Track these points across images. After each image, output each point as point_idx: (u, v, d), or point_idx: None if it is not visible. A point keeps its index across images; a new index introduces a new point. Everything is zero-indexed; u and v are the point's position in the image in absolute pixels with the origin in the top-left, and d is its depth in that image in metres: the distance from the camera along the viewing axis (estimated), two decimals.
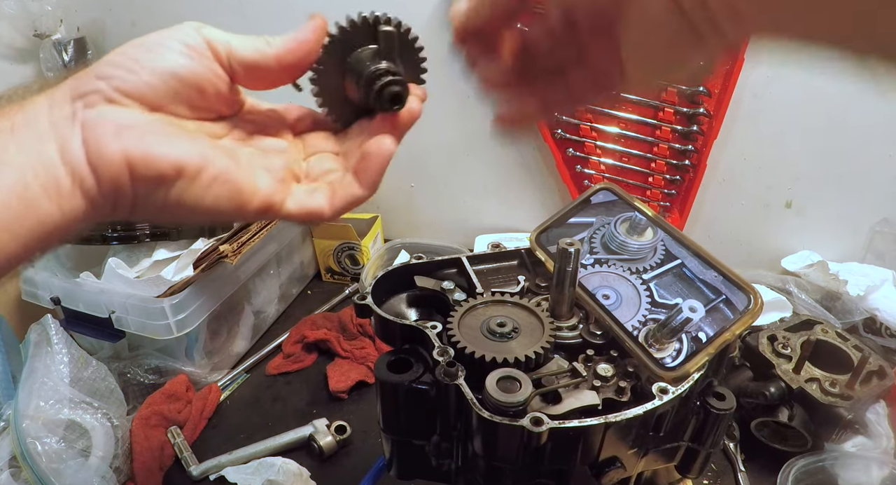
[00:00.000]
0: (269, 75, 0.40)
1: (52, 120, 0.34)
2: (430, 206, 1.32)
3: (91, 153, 0.33)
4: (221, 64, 0.38)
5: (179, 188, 0.35)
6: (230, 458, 0.79)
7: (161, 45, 0.36)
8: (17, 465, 0.69)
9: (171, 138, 0.36)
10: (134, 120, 0.35)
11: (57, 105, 0.34)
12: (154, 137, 0.35)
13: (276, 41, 0.40)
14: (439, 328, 0.52)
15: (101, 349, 0.93)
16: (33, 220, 0.32)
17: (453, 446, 0.52)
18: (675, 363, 0.47)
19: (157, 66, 0.36)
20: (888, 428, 0.74)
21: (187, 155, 0.35)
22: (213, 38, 0.38)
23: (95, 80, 0.35)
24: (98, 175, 0.34)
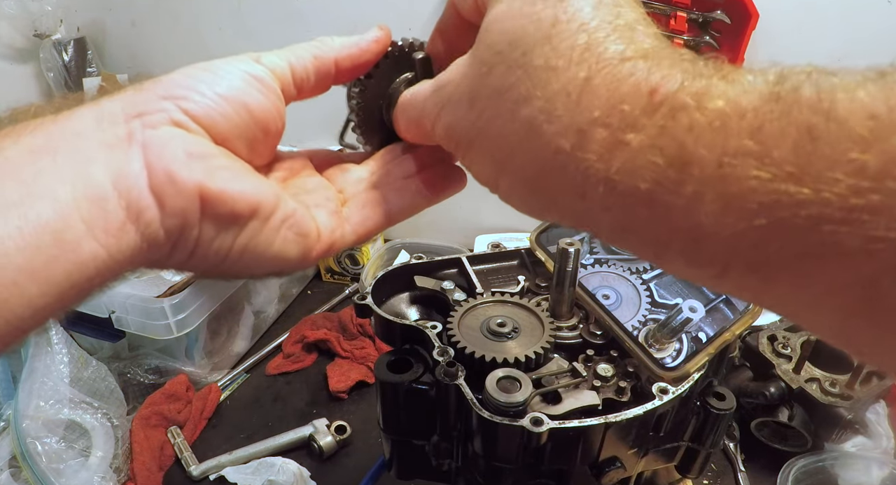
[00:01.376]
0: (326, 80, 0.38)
1: (103, 139, 0.28)
2: None
3: (156, 181, 0.28)
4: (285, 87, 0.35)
5: (250, 231, 0.31)
6: (230, 458, 0.79)
7: (230, 72, 0.33)
8: (17, 465, 0.69)
9: (243, 174, 0.32)
10: (204, 149, 0.30)
11: (108, 121, 0.29)
12: (227, 172, 0.30)
13: (336, 42, 0.37)
14: (439, 328, 0.52)
15: (101, 349, 0.93)
16: (72, 262, 0.26)
17: (453, 446, 0.52)
18: (675, 363, 0.47)
19: (231, 95, 0.32)
20: (888, 428, 0.74)
21: (264, 194, 0.31)
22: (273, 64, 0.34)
23: (160, 99, 0.30)
24: (163, 207, 0.28)
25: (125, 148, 0.28)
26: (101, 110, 0.29)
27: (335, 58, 0.36)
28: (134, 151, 0.28)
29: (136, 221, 0.28)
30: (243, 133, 0.32)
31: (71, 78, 1.39)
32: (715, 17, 0.92)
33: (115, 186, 0.27)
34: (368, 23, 0.87)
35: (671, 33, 0.95)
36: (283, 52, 0.35)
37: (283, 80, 0.35)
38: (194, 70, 0.33)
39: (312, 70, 0.36)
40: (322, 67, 0.36)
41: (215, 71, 0.33)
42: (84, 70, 1.39)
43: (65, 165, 0.26)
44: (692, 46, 0.96)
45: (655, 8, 0.94)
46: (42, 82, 1.43)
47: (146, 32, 1.36)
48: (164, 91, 0.30)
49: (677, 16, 0.93)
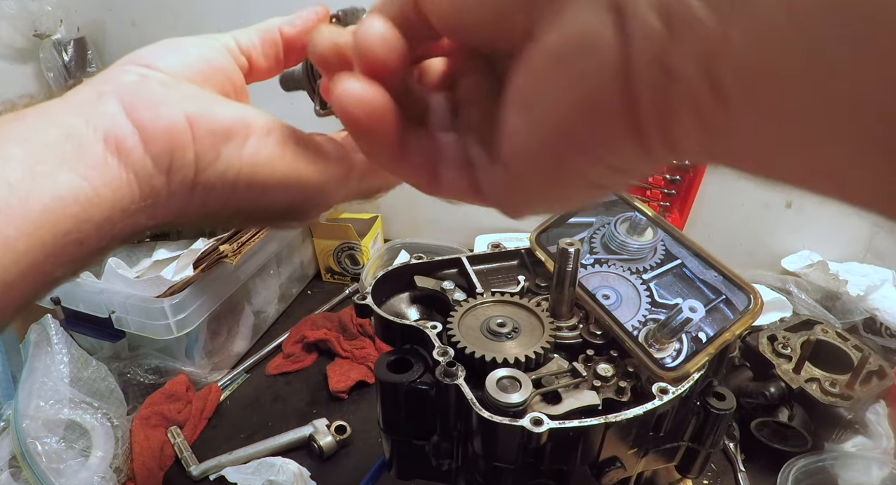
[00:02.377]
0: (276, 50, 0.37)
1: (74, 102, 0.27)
2: (430, 206, 1.32)
3: (135, 111, 0.26)
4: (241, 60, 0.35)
5: (252, 143, 0.28)
6: (230, 458, 0.79)
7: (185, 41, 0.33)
8: (17, 465, 0.69)
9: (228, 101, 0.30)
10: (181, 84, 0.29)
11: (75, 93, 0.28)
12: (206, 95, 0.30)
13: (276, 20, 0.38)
14: (439, 328, 0.52)
15: (101, 349, 0.93)
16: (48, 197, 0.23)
17: (453, 446, 0.52)
18: (675, 363, 0.47)
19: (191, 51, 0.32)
20: (888, 428, 0.74)
21: (250, 111, 0.30)
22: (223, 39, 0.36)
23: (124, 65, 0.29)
24: (145, 133, 0.26)
25: (96, 101, 0.27)
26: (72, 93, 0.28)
27: (279, 27, 0.37)
28: (108, 99, 0.27)
29: (117, 151, 0.25)
30: (210, 80, 0.32)
31: (71, 78, 1.39)
32: None
33: (89, 124, 0.25)
34: None
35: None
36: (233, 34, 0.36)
37: (229, 47, 0.35)
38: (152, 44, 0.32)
39: (258, 39, 0.36)
40: (267, 37, 0.36)
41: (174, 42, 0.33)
42: (84, 70, 1.39)
43: (35, 121, 0.25)
44: None
45: None
46: (42, 82, 1.43)
47: (146, 32, 1.36)
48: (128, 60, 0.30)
49: None
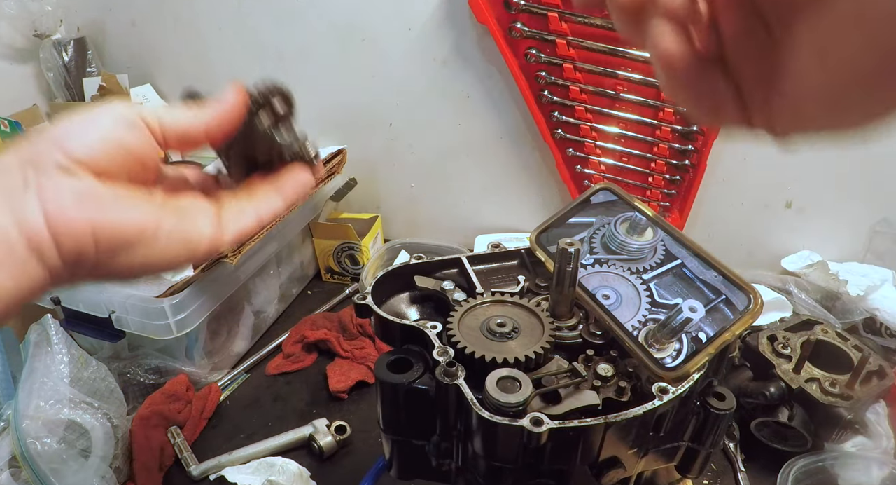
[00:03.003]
0: (196, 142, 0.42)
1: (3, 187, 0.33)
2: (430, 206, 1.32)
3: (53, 222, 0.33)
4: (156, 138, 0.40)
5: (141, 250, 0.37)
6: (230, 458, 0.79)
7: (104, 117, 0.37)
8: (17, 465, 0.69)
9: (127, 203, 0.37)
10: (91, 189, 0.35)
11: (6, 172, 0.34)
12: (113, 203, 0.36)
13: (204, 112, 0.42)
14: (439, 328, 0.52)
15: (101, 349, 0.93)
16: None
17: (453, 446, 0.52)
18: (675, 363, 0.47)
19: (108, 136, 0.37)
20: (888, 428, 0.74)
21: (145, 218, 0.37)
22: (146, 114, 0.40)
23: (48, 148, 0.34)
24: (60, 244, 0.33)
25: (22, 194, 0.33)
26: (1, 161, 0.34)
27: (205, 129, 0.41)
28: (30, 197, 0.33)
29: (38, 256, 0.33)
30: (123, 167, 0.37)
31: (71, 78, 1.39)
32: None
33: (17, 229, 0.32)
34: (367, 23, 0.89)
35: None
36: (159, 109, 0.40)
37: (152, 127, 0.39)
38: (76, 118, 0.37)
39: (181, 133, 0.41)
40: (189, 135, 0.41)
41: (94, 118, 0.37)
42: (84, 70, 1.39)
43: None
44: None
45: None
46: (42, 82, 1.43)
47: (146, 32, 1.36)
48: (52, 141, 0.35)
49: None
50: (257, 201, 0.45)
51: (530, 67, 1.04)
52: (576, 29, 0.99)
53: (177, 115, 0.41)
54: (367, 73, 1.19)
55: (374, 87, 1.19)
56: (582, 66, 1.01)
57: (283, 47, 1.22)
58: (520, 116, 1.13)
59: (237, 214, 0.44)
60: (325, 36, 1.18)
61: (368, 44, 1.15)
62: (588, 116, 1.05)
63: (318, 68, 1.22)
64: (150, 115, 0.40)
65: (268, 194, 0.46)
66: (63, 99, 1.42)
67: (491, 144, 1.19)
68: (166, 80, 1.41)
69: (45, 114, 1.44)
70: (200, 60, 1.33)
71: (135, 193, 0.39)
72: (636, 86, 1.00)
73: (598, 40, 0.99)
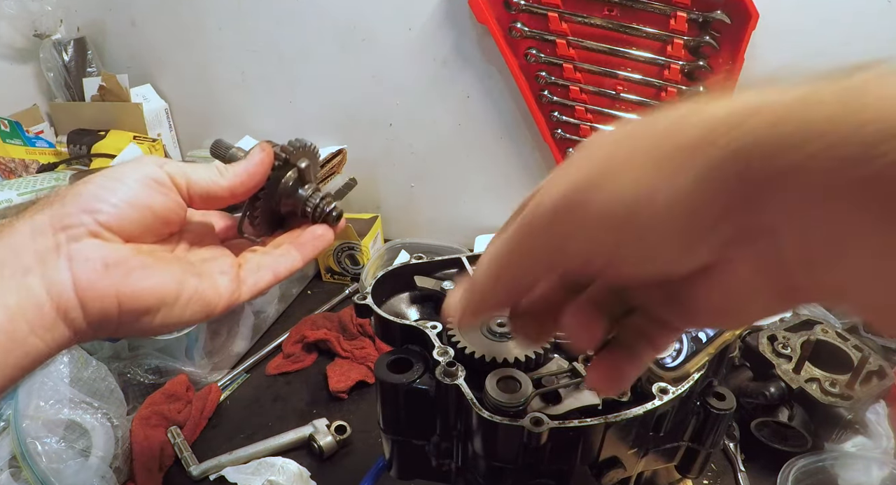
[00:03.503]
0: (220, 202, 0.45)
1: (37, 250, 0.35)
2: (430, 206, 1.32)
3: (81, 289, 0.35)
4: (183, 196, 0.42)
5: (162, 314, 0.39)
6: (230, 458, 0.79)
7: (135, 180, 0.39)
8: (17, 465, 0.69)
9: (152, 271, 0.39)
10: (118, 256, 0.37)
11: (40, 234, 0.36)
12: (138, 272, 0.38)
13: (230, 171, 0.44)
14: (439, 328, 0.52)
15: (101, 349, 0.93)
16: (20, 354, 0.34)
17: (453, 446, 0.52)
18: (675, 363, 0.47)
19: (136, 201, 0.39)
20: (888, 428, 0.74)
21: (168, 285, 0.39)
22: (175, 172, 0.42)
23: (80, 212, 0.37)
24: (86, 309, 0.36)
25: (54, 259, 0.35)
26: (34, 223, 0.36)
27: (228, 186, 0.43)
28: (61, 262, 0.35)
29: (65, 319, 0.35)
30: (149, 229, 0.40)
31: (71, 78, 1.39)
32: (715, 18, 0.92)
33: (49, 295, 0.35)
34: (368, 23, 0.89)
35: (671, 33, 0.95)
36: (186, 166, 0.43)
37: (179, 186, 0.42)
38: (106, 181, 0.39)
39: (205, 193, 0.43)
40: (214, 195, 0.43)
41: (123, 180, 0.39)
42: (84, 70, 1.39)
43: (10, 278, 0.34)
44: (692, 47, 0.96)
45: (655, 8, 0.94)
46: (42, 82, 1.43)
47: (146, 32, 1.36)
48: (83, 205, 0.37)
49: (677, 16, 0.93)
50: (276, 258, 0.47)
51: (530, 67, 1.04)
52: (576, 29, 0.99)
53: (203, 176, 0.43)
54: (367, 73, 1.19)
55: (374, 87, 1.20)
56: (582, 66, 1.01)
57: (283, 47, 1.22)
58: (520, 117, 1.13)
59: (255, 270, 0.46)
60: (325, 36, 1.18)
61: (368, 44, 1.15)
62: (588, 116, 1.05)
63: (318, 68, 1.22)
64: (179, 174, 0.42)
65: (287, 251, 0.48)
66: (63, 99, 1.42)
67: (491, 144, 1.19)
68: (166, 81, 1.41)
69: (45, 114, 1.44)
70: (200, 60, 1.33)
71: (159, 255, 0.42)
72: (636, 86, 1.00)
73: (598, 40, 0.99)
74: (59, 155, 1.36)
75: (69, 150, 1.33)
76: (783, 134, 0.19)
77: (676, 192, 0.22)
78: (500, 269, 0.29)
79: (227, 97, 1.36)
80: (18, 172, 1.26)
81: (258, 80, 1.30)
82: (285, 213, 0.50)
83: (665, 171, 0.22)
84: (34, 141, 1.36)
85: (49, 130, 1.43)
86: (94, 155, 1.29)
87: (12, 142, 1.30)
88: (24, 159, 1.29)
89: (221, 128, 1.42)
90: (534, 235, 0.27)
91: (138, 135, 1.32)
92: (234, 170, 0.44)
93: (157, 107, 1.40)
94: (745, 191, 0.21)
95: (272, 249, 0.48)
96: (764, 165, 0.20)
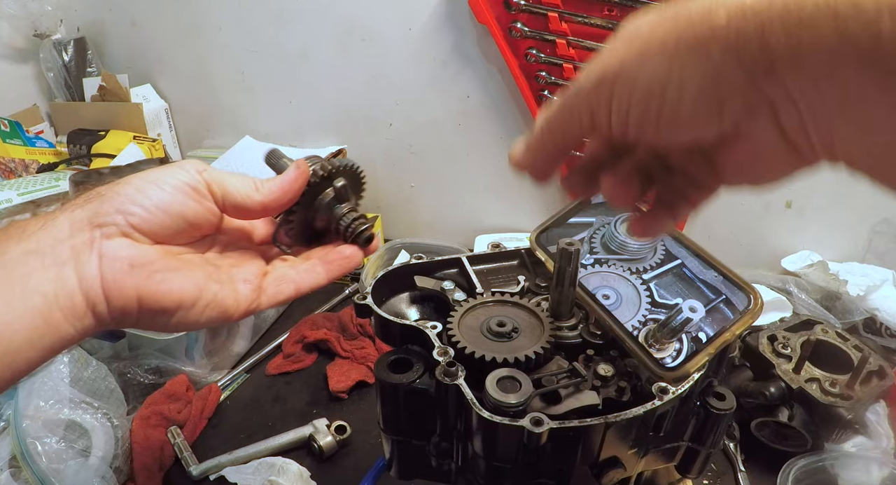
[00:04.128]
0: (253, 215, 0.47)
1: (73, 245, 0.38)
2: (430, 206, 1.32)
3: (107, 285, 0.38)
4: (217, 204, 0.44)
5: (178, 316, 0.42)
6: (230, 458, 0.79)
7: (172, 185, 0.41)
8: (17, 465, 0.69)
9: (174, 274, 0.41)
10: (144, 257, 0.40)
11: (78, 230, 0.39)
12: (161, 274, 0.40)
13: (265, 187, 0.45)
14: (439, 328, 0.52)
15: (101, 349, 0.93)
16: (55, 338, 0.37)
17: (453, 446, 0.52)
18: (675, 363, 0.47)
19: (171, 209, 0.41)
20: (888, 428, 0.74)
21: (187, 290, 0.41)
22: (213, 180, 0.43)
23: (115, 212, 0.39)
24: (110, 303, 0.39)
25: (88, 254, 0.38)
26: (74, 218, 0.39)
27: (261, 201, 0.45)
28: (93, 258, 0.38)
29: (93, 311, 0.39)
30: (180, 232, 0.43)
31: (71, 78, 1.39)
32: None
33: (79, 286, 0.38)
34: (367, 23, 0.89)
35: None
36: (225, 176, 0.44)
37: (215, 195, 0.43)
38: (144, 183, 0.41)
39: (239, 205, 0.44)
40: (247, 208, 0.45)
41: (161, 185, 0.41)
42: (84, 70, 1.39)
43: (50, 268, 0.37)
44: None
45: None
46: (42, 82, 1.43)
47: (146, 32, 1.36)
48: (119, 205, 0.40)
49: None
50: (301, 272, 0.48)
51: (530, 67, 1.04)
52: (576, 29, 0.99)
53: (239, 189, 0.44)
54: (367, 73, 1.19)
55: (374, 87, 1.20)
56: (582, 67, 1.01)
57: (283, 47, 1.22)
58: (520, 117, 1.13)
59: (279, 281, 0.47)
60: (325, 36, 1.18)
61: (368, 44, 1.15)
62: None
63: (318, 68, 1.22)
64: (216, 183, 0.43)
65: (314, 267, 0.49)
66: (63, 99, 1.42)
67: (491, 144, 1.19)
68: (166, 80, 1.41)
69: (45, 114, 1.44)
70: (200, 60, 1.33)
71: (186, 258, 0.44)
72: None
73: (598, 40, 0.99)
74: (59, 155, 1.36)
75: (69, 150, 1.33)
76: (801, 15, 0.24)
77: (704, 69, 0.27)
78: (553, 121, 0.36)
79: (227, 97, 1.36)
80: (18, 172, 1.26)
81: (258, 80, 1.30)
82: (320, 228, 0.51)
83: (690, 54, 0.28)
84: (34, 141, 1.36)
85: (49, 130, 1.43)
86: (94, 155, 1.29)
87: (12, 142, 1.30)
88: (24, 159, 1.29)
89: (221, 128, 1.42)
90: (580, 97, 0.33)
91: (138, 135, 1.32)
92: (269, 187, 0.45)
93: (157, 107, 1.40)
94: (767, 62, 0.26)
95: (300, 262, 0.49)
96: (784, 41, 0.24)
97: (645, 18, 0.31)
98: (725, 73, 0.27)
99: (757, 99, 0.28)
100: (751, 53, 0.26)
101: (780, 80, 0.26)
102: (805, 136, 0.28)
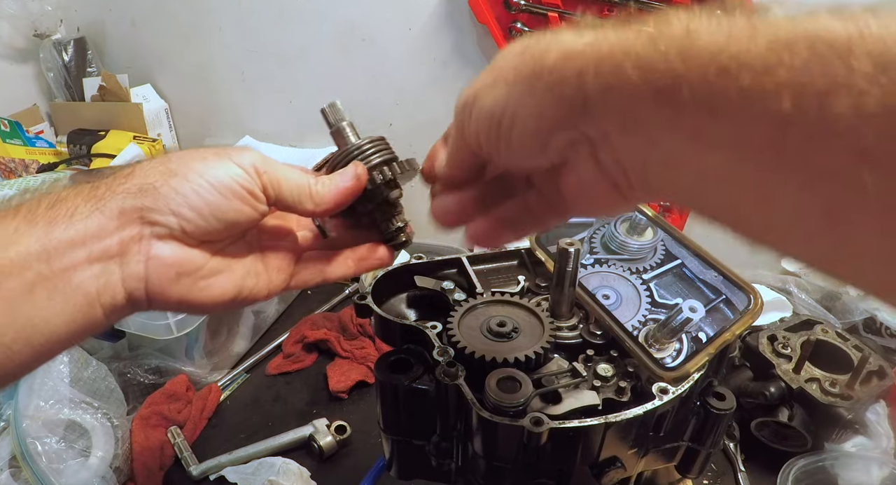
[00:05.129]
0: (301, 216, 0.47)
1: (122, 238, 0.38)
2: (430, 206, 1.32)
3: (151, 289, 0.39)
4: (268, 204, 0.43)
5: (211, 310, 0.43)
6: (230, 458, 0.79)
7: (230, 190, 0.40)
8: (17, 465, 0.69)
9: (217, 279, 0.42)
10: (191, 263, 0.40)
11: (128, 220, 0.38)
12: (205, 281, 0.41)
13: (318, 195, 0.44)
14: (439, 328, 0.52)
15: (101, 349, 0.93)
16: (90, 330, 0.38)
17: (453, 446, 0.52)
18: (675, 363, 0.47)
19: (226, 216, 0.40)
20: (888, 428, 0.74)
21: (227, 292, 0.42)
22: (269, 182, 0.42)
23: (168, 212, 0.38)
24: (151, 304, 0.40)
25: (135, 251, 0.38)
26: (124, 206, 0.38)
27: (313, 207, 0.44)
28: (141, 257, 0.38)
29: (132, 308, 0.39)
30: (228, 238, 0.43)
31: (71, 78, 1.39)
32: None
33: (123, 285, 0.38)
34: (367, 23, 0.88)
35: None
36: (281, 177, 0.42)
37: (269, 196, 0.42)
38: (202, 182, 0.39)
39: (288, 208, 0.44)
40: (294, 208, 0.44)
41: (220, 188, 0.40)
42: (84, 70, 1.39)
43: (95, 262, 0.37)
44: None
45: (655, 9, 0.94)
46: (42, 82, 1.43)
47: (146, 32, 1.36)
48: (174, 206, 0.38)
49: None
50: (331, 262, 0.48)
51: None
52: None
53: (293, 192, 0.43)
54: (367, 73, 1.19)
55: (374, 87, 1.19)
56: None
57: (283, 47, 1.22)
58: None
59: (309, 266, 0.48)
60: (325, 36, 1.18)
61: (368, 44, 1.15)
62: None
63: (318, 68, 1.22)
64: (272, 185, 0.42)
65: (345, 259, 0.49)
66: (63, 99, 1.42)
67: None
68: (166, 81, 1.41)
69: (45, 114, 1.44)
70: (200, 60, 1.33)
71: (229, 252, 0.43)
72: None
73: None
74: (59, 155, 1.36)
75: (69, 150, 1.33)
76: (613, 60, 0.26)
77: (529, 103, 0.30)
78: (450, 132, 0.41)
79: (227, 97, 1.36)
80: (18, 172, 1.26)
81: (258, 80, 1.30)
82: (367, 222, 0.51)
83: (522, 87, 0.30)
84: (34, 141, 1.36)
85: (49, 129, 1.43)
86: (94, 155, 1.29)
87: (12, 142, 1.30)
88: (24, 159, 1.29)
89: (221, 128, 1.42)
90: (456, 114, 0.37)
91: (138, 135, 1.32)
92: (323, 196, 0.44)
93: (157, 107, 1.40)
94: (582, 101, 0.27)
95: (333, 252, 0.49)
96: (595, 81, 0.26)
97: (513, 46, 0.33)
98: (547, 110, 0.29)
99: (577, 136, 0.29)
100: (568, 93, 0.28)
101: (594, 118, 0.28)
102: (622, 173, 0.30)
